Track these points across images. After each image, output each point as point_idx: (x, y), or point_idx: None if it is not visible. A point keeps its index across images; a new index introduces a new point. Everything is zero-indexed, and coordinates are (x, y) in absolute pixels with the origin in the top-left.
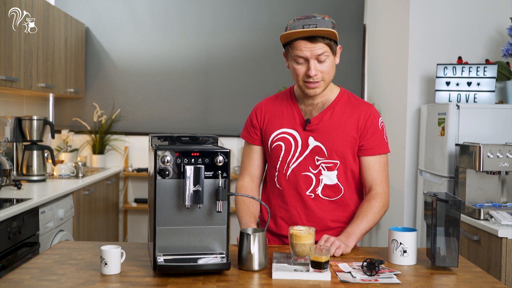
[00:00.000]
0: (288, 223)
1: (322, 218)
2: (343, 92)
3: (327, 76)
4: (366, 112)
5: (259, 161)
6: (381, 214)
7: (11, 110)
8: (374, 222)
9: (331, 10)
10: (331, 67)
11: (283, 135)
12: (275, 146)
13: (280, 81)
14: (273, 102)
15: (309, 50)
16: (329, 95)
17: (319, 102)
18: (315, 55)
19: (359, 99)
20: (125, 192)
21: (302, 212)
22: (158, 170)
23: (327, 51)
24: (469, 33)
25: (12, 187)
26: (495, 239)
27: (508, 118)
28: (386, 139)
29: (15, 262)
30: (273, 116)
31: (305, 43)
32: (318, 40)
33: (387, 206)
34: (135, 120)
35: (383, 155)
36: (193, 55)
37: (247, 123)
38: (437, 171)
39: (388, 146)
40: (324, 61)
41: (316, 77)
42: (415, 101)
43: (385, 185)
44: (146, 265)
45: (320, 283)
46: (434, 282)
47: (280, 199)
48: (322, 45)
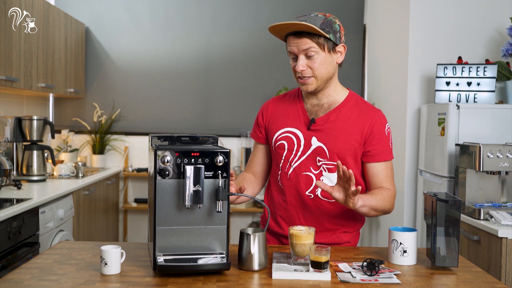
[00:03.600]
0: (287, 222)
1: (320, 219)
2: (351, 95)
3: (317, 73)
4: (373, 118)
5: (261, 158)
6: (388, 206)
7: (11, 110)
8: (381, 206)
9: (331, 10)
10: (321, 64)
11: (287, 134)
12: (278, 144)
13: (280, 81)
14: (280, 101)
15: (295, 45)
16: (335, 96)
17: (324, 102)
18: (301, 50)
19: (367, 103)
20: (125, 192)
21: (300, 212)
22: (158, 170)
23: (314, 47)
24: (469, 33)
25: (12, 187)
26: (495, 239)
27: (508, 118)
28: (391, 145)
29: (15, 262)
30: (278, 115)
31: (292, 39)
32: (302, 35)
33: (393, 203)
34: (135, 120)
35: (389, 161)
36: (193, 55)
37: (254, 123)
38: (437, 171)
39: (392, 152)
40: (312, 57)
41: (304, 73)
42: (415, 101)
43: (393, 187)
44: (146, 265)
45: (320, 283)
46: (434, 282)
47: (281, 198)
48: (307, 40)
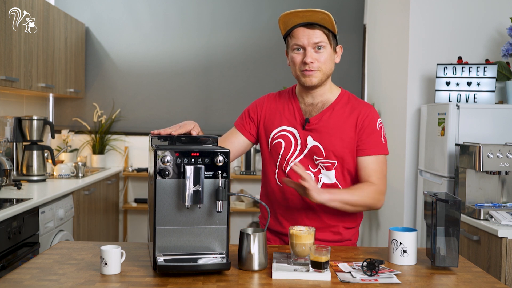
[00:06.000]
0: (289, 220)
1: (321, 216)
2: (343, 93)
3: (324, 66)
4: (365, 112)
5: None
6: (369, 201)
7: (11, 110)
8: (357, 201)
9: (331, 10)
10: (328, 59)
11: (283, 133)
12: (275, 143)
13: (280, 81)
14: (276, 99)
15: (306, 37)
16: (329, 95)
17: (318, 102)
18: (312, 42)
19: (359, 99)
20: (125, 192)
21: (302, 209)
22: (158, 170)
23: (324, 40)
24: (469, 33)
25: (12, 187)
26: (495, 239)
27: (508, 118)
28: (384, 141)
29: (15, 262)
30: (274, 112)
31: (303, 30)
32: (315, 27)
33: (379, 198)
34: (135, 120)
35: (380, 156)
36: (193, 55)
37: (244, 113)
38: (437, 171)
39: (387, 148)
40: (321, 51)
41: (313, 65)
42: (415, 101)
43: (382, 182)
44: (146, 265)
45: (320, 283)
46: (434, 282)
47: (281, 196)
48: (320, 33)
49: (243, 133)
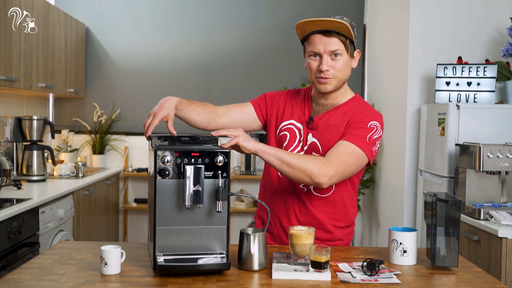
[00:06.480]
0: (283, 214)
1: (313, 213)
2: (355, 98)
3: (339, 74)
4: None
5: (240, 116)
6: (310, 168)
7: (11, 110)
8: (296, 163)
9: (331, 10)
10: (344, 66)
11: (291, 126)
12: (282, 135)
13: (281, 81)
14: (294, 94)
15: (323, 44)
16: (340, 98)
17: (329, 103)
18: (329, 50)
19: (368, 106)
20: (125, 192)
21: (296, 204)
22: (158, 170)
23: (341, 48)
24: (469, 33)
25: (12, 187)
26: (495, 239)
27: (508, 118)
28: (368, 140)
29: (15, 262)
30: (288, 106)
31: (319, 37)
32: (332, 35)
33: (324, 172)
34: (135, 120)
35: (353, 145)
36: (193, 55)
37: (262, 96)
38: (437, 171)
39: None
40: (337, 59)
41: (328, 73)
42: (415, 101)
43: (335, 162)
44: (146, 265)
45: (320, 283)
46: (434, 282)
47: (279, 188)
48: (337, 40)
49: (255, 109)
